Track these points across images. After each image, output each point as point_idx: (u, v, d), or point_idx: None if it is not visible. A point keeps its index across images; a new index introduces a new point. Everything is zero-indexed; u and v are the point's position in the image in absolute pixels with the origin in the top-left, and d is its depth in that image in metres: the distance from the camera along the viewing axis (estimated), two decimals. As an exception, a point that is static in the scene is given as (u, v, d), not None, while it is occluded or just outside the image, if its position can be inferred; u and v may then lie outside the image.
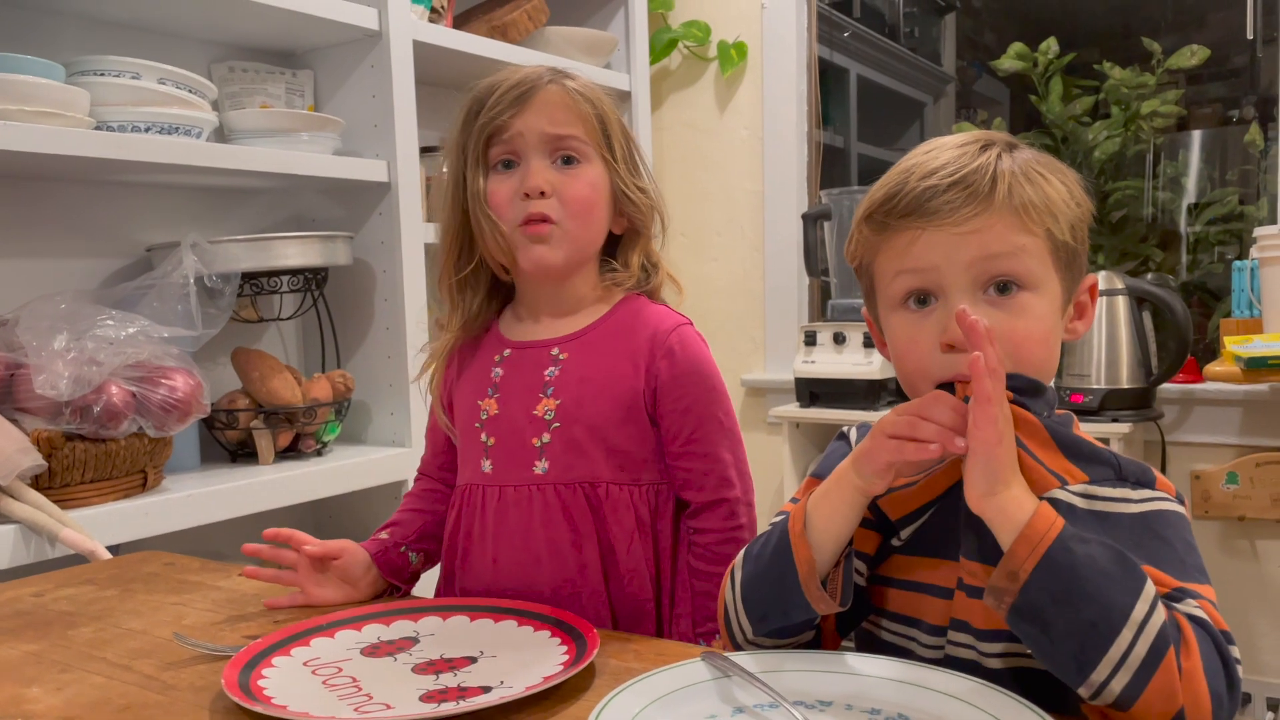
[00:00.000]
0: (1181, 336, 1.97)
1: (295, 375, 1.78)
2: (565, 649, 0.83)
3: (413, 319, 1.87)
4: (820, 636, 0.83)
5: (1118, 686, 0.65)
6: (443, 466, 1.15)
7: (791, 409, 2.31)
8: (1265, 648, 2.11)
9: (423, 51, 1.90)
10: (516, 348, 1.07)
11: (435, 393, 1.12)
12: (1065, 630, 0.66)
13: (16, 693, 0.80)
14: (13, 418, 1.38)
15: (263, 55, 1.93)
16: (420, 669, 0.82)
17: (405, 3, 1.85)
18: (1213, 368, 1.94)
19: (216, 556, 1.31)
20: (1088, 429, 0.80)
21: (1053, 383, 0.81)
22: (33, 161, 1.46)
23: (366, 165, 1.83)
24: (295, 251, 1.72)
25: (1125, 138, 2.63)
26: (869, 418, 0.78)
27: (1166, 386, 2.12)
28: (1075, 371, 2.07)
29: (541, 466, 1.02)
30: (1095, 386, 2.04)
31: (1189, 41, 2.57)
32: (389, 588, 1.08)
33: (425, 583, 1.17)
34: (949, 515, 0.77)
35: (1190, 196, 2.75)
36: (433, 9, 1.98)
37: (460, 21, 2.15)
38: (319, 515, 1.97)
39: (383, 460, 1.80)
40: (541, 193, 1.00)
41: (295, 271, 1.76)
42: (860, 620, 0.85)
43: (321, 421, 1.77)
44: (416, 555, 1.11)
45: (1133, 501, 0.74)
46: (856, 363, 2.21)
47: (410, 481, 1.21)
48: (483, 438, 1.05)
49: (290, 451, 1.79)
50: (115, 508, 1.43)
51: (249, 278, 1.72)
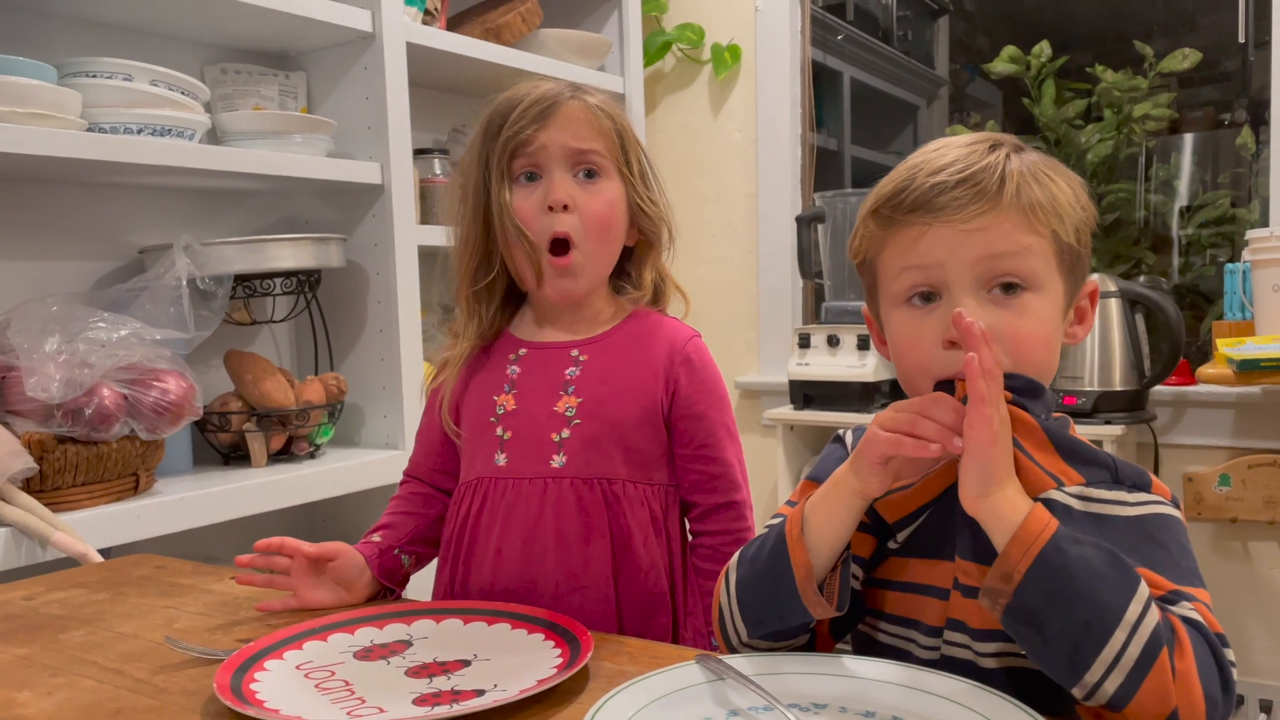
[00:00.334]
0: (1174, 339, 1.98)
1: (288, 378, 1.78)
2: (559, 652, 0.83)
3: (406, 321, 1.87)
4: (814, 640, 0.83)
5: (1111, 687, 0.65)
6: (435, 469, 1.15)
7: (785, 411, 2.32)
8: (1258, 649, 2.11)
9: (416, 53, 1.89)
10: (533, 347, 1.09)
11: (445, 395, 1.11)
12: (1059, 631, 0.66)
13: (7, 697, 0.79)
14: (4, 420, 1.38)
15: (255, 57, 1.92)
16: (414, 672, 0.82)
17: (399, 4, 1.85)
18: (1205, 370, 1.95)
19: (209, 560, 1.30)
20: (1081, 431, 0.80)
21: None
22: (24, 163, 1.45)
23: (359, 167, 1.82)
24: (288, 254, 1.72)
25: (1117, 141, 2.64)
26: (863, 420, 0.78)
27: (1159, 389, 2.13)
28: (1068, 374, 2.07)
29: (559, 460, 1.04)
30: (1088, 389, 2.04)
31: (1181, 45, 2.58)
32: (381, 590, 1.08)
33: (421, 583, 1.17)
34: (945, 516, 0.78)
35: (1182, 199, 2.76)
36: (426, 11, 1.98)
37: (454, 24, 2.15)
38: (312, 518, 1.96)
39: (376, 463, 1.80)
40: (565, 206, 1.03)
41: (288, 274, 1.76)
42: (855, 624, 0.85)
43: (314, 424, 1.77)
44: (409, 558, 1.11)
45: (1128, 505, 0.74)
46: (850, 365, 2.21)
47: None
48: (498, 431, 1.06)
49: (283, 454, 1.79)
50: (107, 511, 1.43)
51: (242, 280, 1.72)
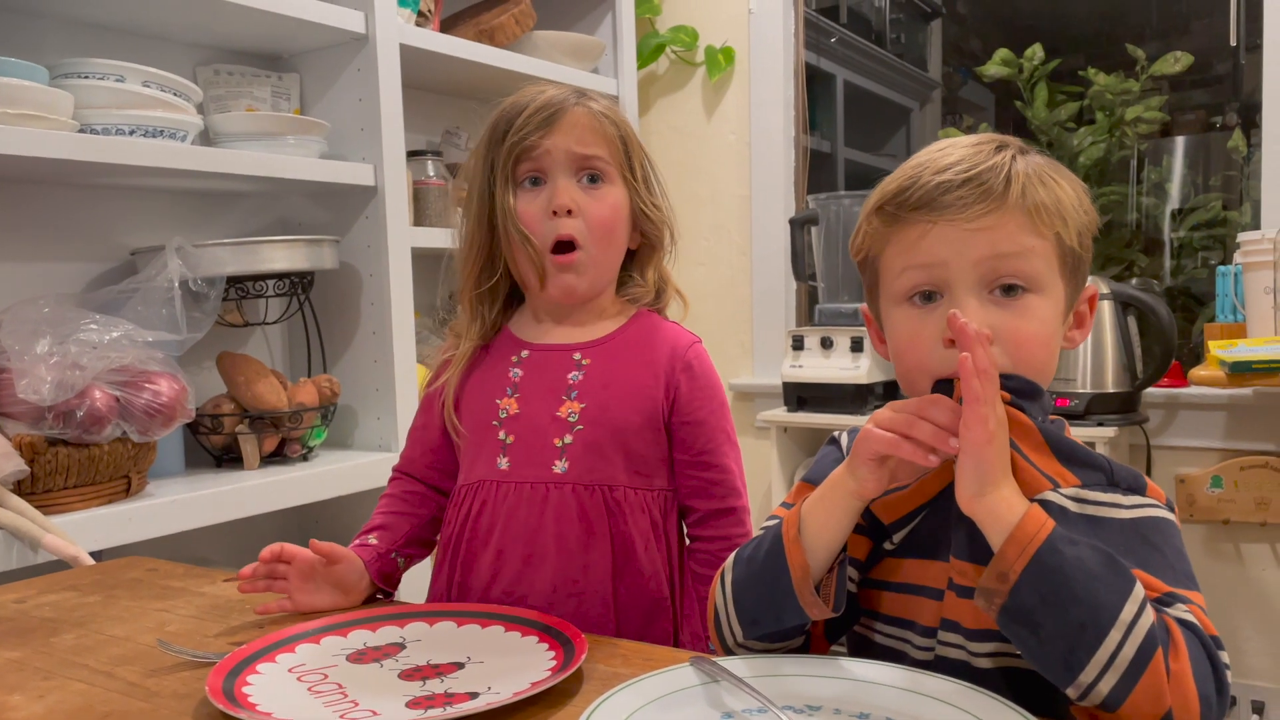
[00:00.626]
0: (1166, 341, 1.98)
1: (281, 380, 1.77)
2: (553, 654, 0.83)
3: (399, 323, 1.87)
4: (809, 641, 0.83)
5: (1105, 687, 0.65)
6: (431, 466, 1.15)
7: (779, 413, 2.32)
8: (1249, 650, 2.12)
9: (409, 55, 1.89)
10: (536, 350, 1.09)
11: (448, 395, 1.11)
12: (1054, 631, 0.66)
13: (-3, 700, 0.79)
14: (-6, 422, 1.37)
15: (248, 58, 1.92)
16: (407, 675, 0.82)
17: (392, 6, 1.85)
18: (1197, 372, 1.95)
19: (201, 562, 1.30)
20: (1074, 433, 0.81)
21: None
22: (16, 164, 1.45)
23: (353, 169, 1.82)
24: (281, 255, 1.71)
25: (1110, 144, 2.64)
26: (857, 422, 0.78)
27: (1151, 391, 2.13)
28: (1061, 376, 2.07)
29: (561, 466, 1.04)
30: (1081, 391, 2.05)
31: (1173, 48, 2.59)
32: (375, 592, 1.08)
33: (416, 585, 1.16)
34: (940, 517, 0.78)
35: (1174, 202, 2.76)
36: (420, 12, 1.98)
37: (447, 25, 2.15)
38: (305, 520, 1.96)
39: (369, 465, 1.80)
40: (569, 210, 1.04)
41: (281, 275, 1.75)
42: (850, 626, 0.85)
43: (307, 426, 1.76)
44: (404, 560, 1.11)
45: (1123, 507, 0.75)
46: (844, 367, 2.21)
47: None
48: (501, 435, 1.06)
49: (276, 456, 1.78)
50: (98, 513, 1.42)
51: (234, 281, 1.71)
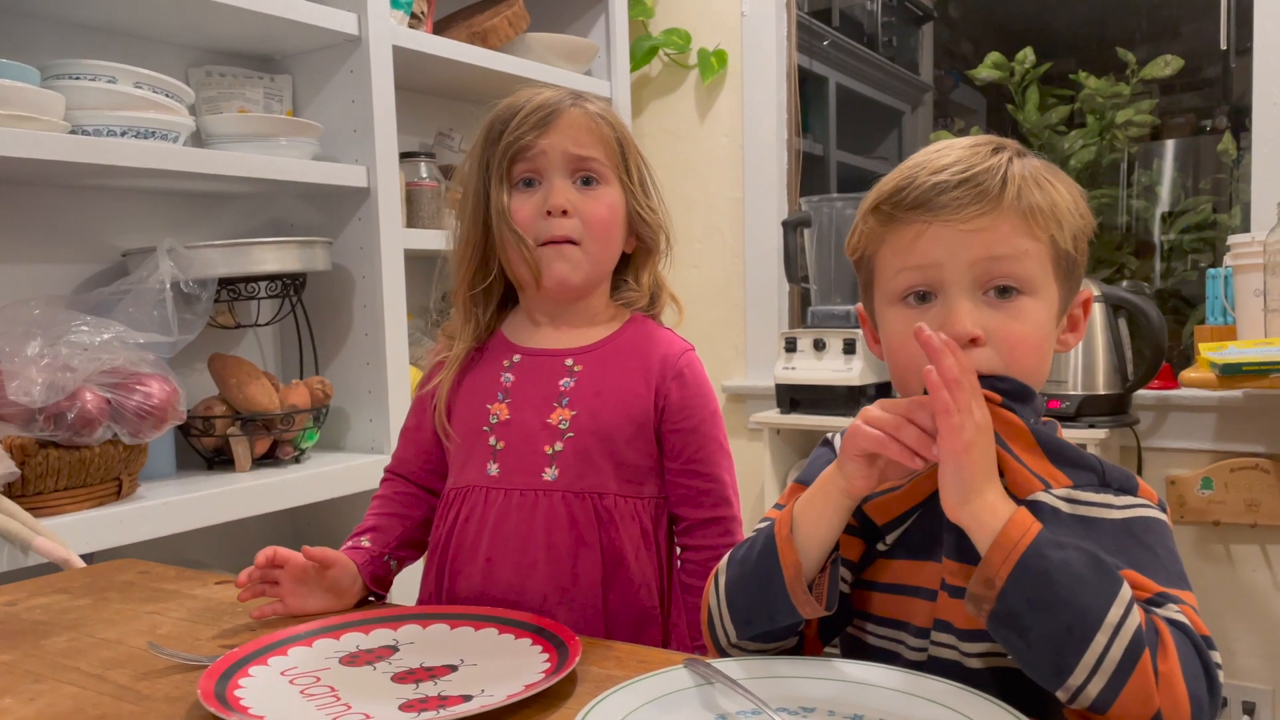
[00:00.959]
0: (1157, 343, 1.99)
1: (273, 381, 1.77)
2: (546, 657, 0.83)
3: (391, 325, 1.86)
4: (803, 643, 0.83)
5: (1094, 690, 0.66)
6: (424, 468, 1.14)
7: (772, 415, 2.32)
8: (1240, 651, 2.13)
9: (402, 57, 1.89)
10: (528, 354, 1.09)
11: (440, 398, 1.10)
12: (1042, 635, 0.67)
13: (-12, 704, 0.79)
14: (-15, 425, 1.36)
15: (241, 59, 1.91)
16: (400, 678, 0.81)
17: (385, 8, 1.85)
18: (1188, 374, 1.96)
19: (193, 565, 1.29)
20: (1065, 435, 0.81)
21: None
22: (7, 165, 1.44)
23: (345, 170, 1.82)
24: (273, 257, 1.71)
25: (1100, 147, 2.65)
26: (849, 424, 0.78)
27: (1142, 393, 2.14)
28: (1052, 378, 2.08)
29: (551, 473, 1.03)
30: (1072, 393, 2.05)
31: (1163, 52, 2.60)
32: (367, 595, 1.07)
33: (407, 587, 1.16)
34: (932, 518, 0.78)
35: (1164, 205, 2.77)
36: (413, 14, 1.98)
37: (440, 27, 2.15)
38: (297, 523, 1.95)
39: (362, 467, 1.79)
40: (564, 211, 1.03)
41: (273, 277, 1.75)
42: (843, 627, 0.85)
43: (299, 428, 1.76)
44: (396, 563, 1.11)
45: (1115, 507, 0.75)
46: (836, 369, 2.21)
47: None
48: (491, 441, 1.06)
49: (268, 459, 1.78)
50: (90, 515, 1.42)
51: (226, 283, 1.71)
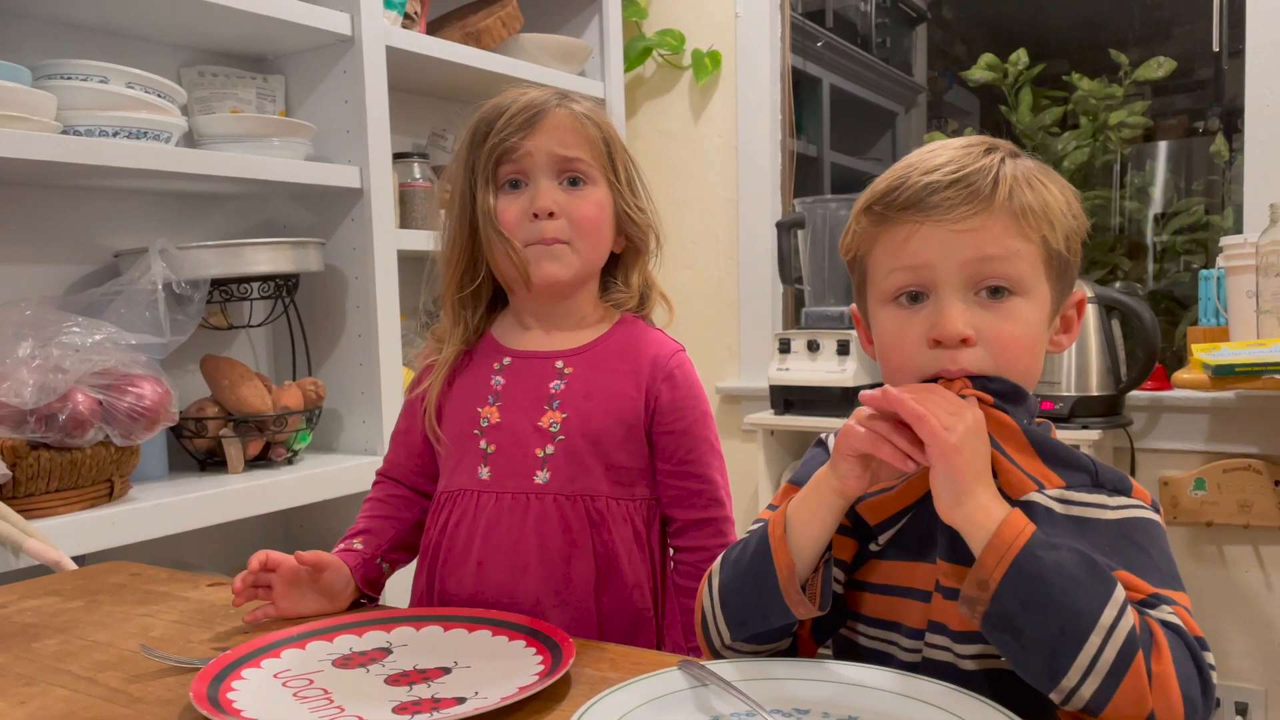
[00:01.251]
0: (1150, 344, 2.00)
1: (265, 383, 1.76)
2: (540, 659, 0.83)
3: (385, 326, 1.86)
4: (796, 644, 0.83)
5: (1088, 692, 0.66)
6: (416, 471, 1.14)
7: (766, 416, 2.32)
8: (1233, 652, 2.13)
9: (396, 57, 1.89)
10: (518, 357, 1.08)
11: (430, 401, 1.10)
12: (1035, 637, 0.67)
13: (-22, 707, 0.78)
14: (-25, 426, 1.36)
15: (233, 60, 1.91)
16: (393, 680, 0.81)
17: (378, 8, 1.84)
18: (1181, 375, 1.96)
19: (185, 566, 1.29)
20: (1058, 436, 0.81)
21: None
22: (-3, 165, 1.44)
23: (338, 171, 1.81)
24: (266, 258, 1.70)
25: (1093, 148, 2.66)
26: (843, 425, 0.78)
27: (1135, 394, 2.14)
28: (1045, 379, 2.08)
29: (543, 477, 1.03)
30: (1065, 394, 2.06)
31: (1156, 54, 2.60)
32: (360, 598, 1.07)
33: (399, 589, 1.16)
34: (926, 519, 0.78)
35: (1157, 206, 2.78)
36: (406, 15, 1.97)
37: (434, 28, 2.14)
38: (290, 524, 1.95)
39: (354, 469, 1.79)
40: (550, 214, 1.02)
41: (266, 278, 1.74)
42: (837, 627, 0.85)
43: (292, 430, 1.75)
44: (389, 566, 1.10)
45: (1109, 508, 0.75)
46: (830, 370, 2.21)
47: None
48: (482, 444, 1.05)
49: (260, 460, 1.77)
50: (81, 517, 1.41)
51: (218, 284, 1.70)
